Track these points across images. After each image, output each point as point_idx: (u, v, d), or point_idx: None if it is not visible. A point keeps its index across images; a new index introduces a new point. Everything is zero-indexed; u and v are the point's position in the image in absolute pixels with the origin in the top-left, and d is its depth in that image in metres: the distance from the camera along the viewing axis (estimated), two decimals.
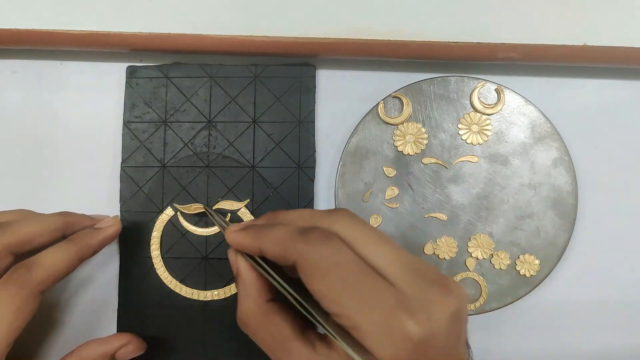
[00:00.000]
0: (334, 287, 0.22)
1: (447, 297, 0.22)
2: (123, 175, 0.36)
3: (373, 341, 0.21)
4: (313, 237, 0.23)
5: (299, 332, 0.24)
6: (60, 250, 0.29)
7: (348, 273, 0.22)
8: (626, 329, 0.35)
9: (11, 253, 0.29)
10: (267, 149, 0.36)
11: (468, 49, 0.33)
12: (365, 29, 0.33)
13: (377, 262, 0.23)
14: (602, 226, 0.36)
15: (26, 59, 0.37)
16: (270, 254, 0.24)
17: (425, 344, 0.21)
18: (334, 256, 0.22)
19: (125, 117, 0.36)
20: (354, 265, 0.22)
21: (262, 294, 0.26)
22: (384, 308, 0.21)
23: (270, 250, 0.24)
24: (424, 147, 0.35)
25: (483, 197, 0.35)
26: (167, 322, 0.35)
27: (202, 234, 0.35)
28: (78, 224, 0.32)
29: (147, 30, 0.34)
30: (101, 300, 0.36)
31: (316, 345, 0.24)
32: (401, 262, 0.23)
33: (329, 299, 0.22)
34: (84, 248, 0.30)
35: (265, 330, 0.25)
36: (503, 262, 0.34)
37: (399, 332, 0.21)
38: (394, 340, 0.21)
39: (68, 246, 0.30)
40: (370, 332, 0.21)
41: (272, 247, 0.24)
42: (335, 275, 0.22)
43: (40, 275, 0.28)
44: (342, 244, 0.23)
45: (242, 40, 0.33)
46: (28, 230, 0.29)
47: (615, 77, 0.36)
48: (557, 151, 0.34)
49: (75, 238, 0.30)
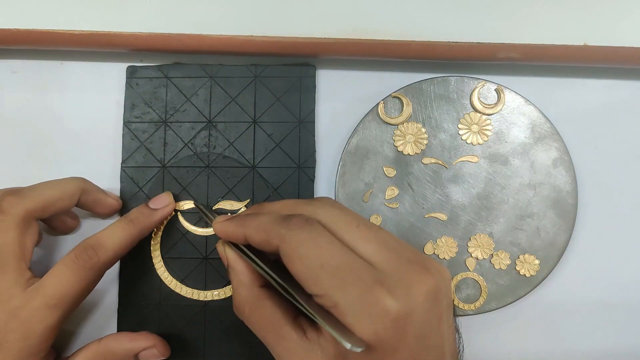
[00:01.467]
0: (313, 267, 0.23)
1: (424, 274, 0.23)
2: (123, 175, 0.36)
3: (352, 318, 0.21)
4: (294, 223, 0.24)
5: (291, 318, 0.25)
6: (124, 231, 0.31)
7: (326, 253, 0.23)
8: (626, 329, 0.35)
9: (35, 218, 0.30)
10: (267, 149, 0.36)
11: (468, 49, 0.33)
12: (365, 29, 0.33)
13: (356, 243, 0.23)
14: (602, 226, 0.36)
15: (26, 59, 0.37)
16: (255, 241, 0.25)
17: (403, 319, 0.21)
18: (313, 239, 0.23)
19: (126, 117, 0.36)
20: (332, 245, 0.23)
21: (254, 280, 0.27)
22: (362, 285, 0.22)
23: (254, 237, 0.25)
24: (424, 147, 0.35)
25: (483, 197, 0.35)
26: (167, 322, 0.35)
27: (202, 234, 0.35)
28: (92, 191, 0.33)
29: (147, 30, 0.34)
30: (101, 300, 0.36)
31: (307, 331, 0.24)
32: (379, 241, 0.24)
33: (310, 280, 0.23)
34: (144, 229, 0.32)
35: (257, 315, 0.26)
36: (503, 262, 0.34)
37: (377, 308, 0.21)
38: (373, 316, 0.21)
39: (130, 227, 0.31)
40: (348, 309, 0.21)
41: (256, 233, 0.25)
42: (314, 256, 0.23)
43: (107, 258, 0.30)
44: (321, 228, 0.24)
45: (242, 40, 0.34)
46: (49, 195, 0.30)
47: (615, 77, 0.36)
48: (557, 151, 0.34)
49: (135, 219, 0.32)
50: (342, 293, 0.22)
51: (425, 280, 0.22)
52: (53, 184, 0.31)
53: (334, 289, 0.22)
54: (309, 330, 0.24)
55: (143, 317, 0.35)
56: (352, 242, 0.23)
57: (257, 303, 0.26)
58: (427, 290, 0.22)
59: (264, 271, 0.25)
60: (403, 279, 0.22)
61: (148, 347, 0.32)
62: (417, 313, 0.22)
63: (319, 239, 0.23)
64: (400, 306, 0.21)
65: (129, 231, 0.31)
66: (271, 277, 0.25)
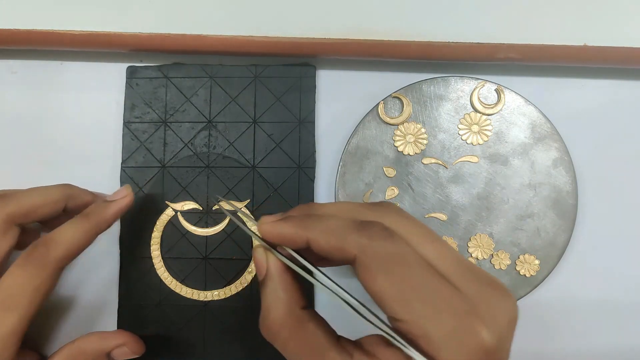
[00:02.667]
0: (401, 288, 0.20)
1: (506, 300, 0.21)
2: (123, 175, 0.36)
3: (445, 351, 0.19)
4: (375, 232, 0.21)
5: (335, 341, 0.22)
6: (77, 226, 0.29)
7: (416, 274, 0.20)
8: (626, 329, 0.35)
9: (16, 224, 0.29)
10: (268, 149, 0.36)
11: (468, 49, 0.33)
12: (365, 29, 0.33)
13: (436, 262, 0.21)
14: (602, 226, 0.36)
15: (26, 59, 0.37)
16: (322, 247, 0.22)
17: (495, 350, 0.20)
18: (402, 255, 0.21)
19: (126, 117, 0.36)
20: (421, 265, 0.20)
21: (296, 299, 0.23)
22: (456, 315, 0.20)
23: (321, 242, 0.22)
24: (424, 147, 0.35)
25: (483, 197, 0.35)
26: (167, 322, 0.35)
27: (202, 234, 0.35)
28: (79, 196, 0.32)
29: (147, 30, 0.34)
30: (101, 300, 0.36)
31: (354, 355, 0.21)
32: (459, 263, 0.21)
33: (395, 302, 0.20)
34: (100, 222, 0.30)
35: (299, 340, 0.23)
36: (503, 262, 0.34)
37: (473, 341, 0.19)
38: (469, 349, 0.19)
39: (84, 221, 0.29)
40: (442, 341, 0.19)
41: (326, 237, 0.22)
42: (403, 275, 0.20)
43: (60, 253, 0.28)
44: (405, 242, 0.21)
45: (242, 40, 0.33)
46: (31, 201, 0.29)
47: (615, 77, 0.36)
48: (557, 151, 0.34)
49: (90, 213, 0.30)
50: (435, 323, 0.19)
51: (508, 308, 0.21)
52: (37, 190, 0.30)
53: (426, 317, 0.20)
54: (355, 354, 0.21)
55: (143, 317, 0.35)
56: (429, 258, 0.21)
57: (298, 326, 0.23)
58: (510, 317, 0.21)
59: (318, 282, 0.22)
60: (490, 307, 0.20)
61: (119, 345, 0.31)
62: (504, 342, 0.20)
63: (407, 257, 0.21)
64: (493, 338, 0.19)
65: (83, 225, 0.29)
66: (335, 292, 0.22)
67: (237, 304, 0.35)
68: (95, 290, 0.36)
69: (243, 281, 0.35)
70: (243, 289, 0.35)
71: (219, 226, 0.35)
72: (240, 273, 0.35)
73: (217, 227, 0.35)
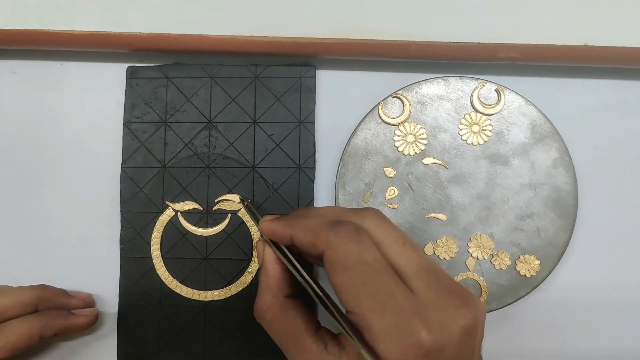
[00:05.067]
0: (355, 283, 0.22)
1: (462, 309, 0.22)
2: (123, 175, 0.36)
3: (384, 345, 0.21)
4: (344, 230, 0.23)
5: (313, 329, 0.25)
6: (24, 323, 0.31)
7: (371, 272, 0.22)
8: (626, 329, 0.35)
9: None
10: (268, 149, 0.36)
11: (468, 49, 0.33)
12: (365, 29, 0.33)
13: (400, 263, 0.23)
14: (602, 226, 0.36)
15: (26, 59, 0.37)
16: (301, 242, 0.25)
17: (435, 354, 0.21)
18: (361, 253, 0.22)
19: (126, 117, 0.36)
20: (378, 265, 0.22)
21: (283, 288, 0.27)
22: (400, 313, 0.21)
23: (301, 238, 0.25)
24: (424, 147, 0.35)
25: (483, 198, 0.35)
26: (167, 322, 0.35)
27: (202, 234, 0.35)
28: (52, 299, 0.33)
29: (147, 30, 0.34)
30: (101, 300, 0.36)
31: (328, 345, 0.24)
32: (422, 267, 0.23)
33: (348, 295, 0.22)
34: (47, 327, 0.32)
35: (279, 324, 0.26)
36: (503, 262, 0.34)
37: (411, 339, 0.21)
38: (404, 347, 0.21)
39: (33, 321, 0.31)
40: (382, 335, 0.21)
41: (303, 234, 0.25)
42: (359, 272, 0.22)
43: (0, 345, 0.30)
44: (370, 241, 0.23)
45: (242, 40, 0.33)
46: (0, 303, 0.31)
47: (615, 77, 0.36)
48: (557, 151, 0.34)
49: (44, 315, 0.32)
50: (378, 317, 0.21)
51: (463, 315, 0.22)
52: (9, 291, 0.32)
53: (372, 311, 0.21)
54: (330, 344, 0.24)
55: (143, 317, 0.35)
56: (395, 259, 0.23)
57: (281, 311, 0.26)
58: (463, 325, 0.21)
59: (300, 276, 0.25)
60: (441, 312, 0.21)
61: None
62: (451, 348, 0.21)
63: (365, 254, 0.22)
64: (434, 340, 0.21)
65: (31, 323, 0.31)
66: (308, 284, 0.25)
67: (237, 304, 0.35)
68: (95, 290, 0.36)
69: (243, 281, 0.35)
70: (243, 289, 0.35)
71: (219, 226, 0.35)
72: (241, 273, 0.35)
73: (217, 227, 0.35)
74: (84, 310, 0.34)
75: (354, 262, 0.22)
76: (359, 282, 0.22)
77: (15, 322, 0.31)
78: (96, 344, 0.35)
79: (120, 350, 0.35)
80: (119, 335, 0.35)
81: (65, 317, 0.33)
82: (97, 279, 0.36)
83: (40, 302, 0.32)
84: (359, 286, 0.22)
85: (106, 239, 0.36)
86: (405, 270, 0.23)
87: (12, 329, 0.30)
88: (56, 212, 0.36)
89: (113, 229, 0.36)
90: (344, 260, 0.22)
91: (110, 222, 0.36)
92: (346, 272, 0.22)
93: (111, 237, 0.36)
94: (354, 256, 0.22)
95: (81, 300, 0.35)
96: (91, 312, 0.34)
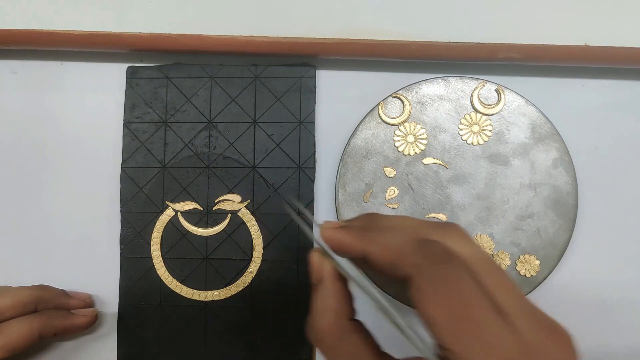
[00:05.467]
0: (454, 318, 0.19)
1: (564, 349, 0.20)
2: (123, 175, 0.36)
3: None
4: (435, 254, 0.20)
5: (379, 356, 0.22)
6: (24, 323, 0.31)
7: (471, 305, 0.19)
8: (626, 329, 0.35)
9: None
10: (268, 149, 0.36)
11: (468, 49, 0.33)
12: (365, 29, 0.33)
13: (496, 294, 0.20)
14: (602, 226, 0.36)
15: (26, 59, 0.37)
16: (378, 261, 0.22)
17: None
18: (458, 283, 0.20)
19: (126, 117, 0.36)
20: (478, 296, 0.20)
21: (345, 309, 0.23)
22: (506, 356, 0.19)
23: (378, 257, 0.22)
24: (424, 147, 0.35)
25: (483, 198, 0.35)
26: (167, 323, 0.35)
27: (202, 234, 0.35)
28: (52, 299, 0.33)
29: (147, 30, 0.34)
30: (101, 300, 0.36)
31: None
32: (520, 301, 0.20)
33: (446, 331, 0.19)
34: (46, 327, 0.32)
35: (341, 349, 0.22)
36: (503, 262, 0.34)
37: None
38: None
39: (32, 321, 0.31)
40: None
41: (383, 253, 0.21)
42: (458, 305, 0.19)
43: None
44: (464, 269, 0.20)
45: (242, 40, 0.33)
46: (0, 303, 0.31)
47: (615, 77, 0.36)
48: (557, 151, 0.34)
49: (44, 314, 0.32)
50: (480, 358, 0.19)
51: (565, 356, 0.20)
52: (9, 291, 0.32)
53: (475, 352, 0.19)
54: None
55: (143, 317, 0.35)
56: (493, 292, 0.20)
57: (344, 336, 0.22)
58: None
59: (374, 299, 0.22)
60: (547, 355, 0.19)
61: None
62: None
63: (464, 286, 0.20)
64: None
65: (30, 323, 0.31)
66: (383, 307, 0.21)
67: (237, 304, 0.35)
68: (95, 290, 0.36)
69: (243, 281, 0.35)
70: (243, 289, 0.35)
71: (219, 226, 0.35)
72: (241, 273, 0.35)
73: (218, 227, 0.35)
74: (83, 310, 0.34)
75: (450, 293, 0.20)
76: (458, 317, 0.19)
77: (15, 322, 0.31)
78: (96, 344, 0.35)
79: (120, 350, 0.35)
80: (119, 335, 0.35)
81: (64, 317, 0.33)
82: (97, 279, 0.36)
83: (39, 302, 0.32)
84: (460, 323, 0.19)
85: (106, 239, 0.36)
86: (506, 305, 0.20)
87: (12, 329, 0.30)
88: (56, 212, 0.36)
89: (113, 229, 0.36)
90: (439, 291, 0.20)
91: (110, 222, 0.36)
92: (441, 304, 0.19)
93: (111, 237, 0.36)
94: (452, 287, 0.20)
95: (81, 300, 0.35)
96: (91, 312, 0.34)
